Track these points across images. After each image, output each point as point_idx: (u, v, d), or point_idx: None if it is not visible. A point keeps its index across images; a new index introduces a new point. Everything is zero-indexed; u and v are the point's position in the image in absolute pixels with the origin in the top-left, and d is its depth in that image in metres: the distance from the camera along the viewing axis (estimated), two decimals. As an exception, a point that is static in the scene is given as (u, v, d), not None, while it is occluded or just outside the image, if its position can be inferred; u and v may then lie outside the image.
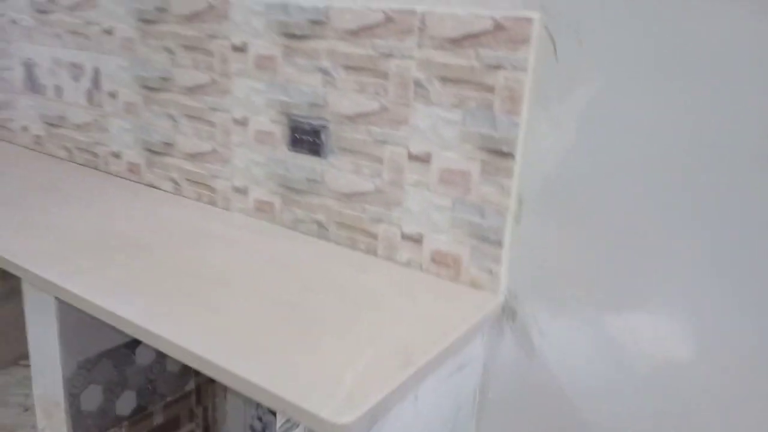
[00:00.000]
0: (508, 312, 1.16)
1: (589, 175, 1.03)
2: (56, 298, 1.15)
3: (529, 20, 1.02)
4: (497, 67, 1.06)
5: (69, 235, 1.30)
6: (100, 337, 1.30)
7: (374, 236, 1.29)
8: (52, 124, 1.88)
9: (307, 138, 1.33)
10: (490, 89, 1.08)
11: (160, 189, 1.65)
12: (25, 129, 1.98)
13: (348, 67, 1.24)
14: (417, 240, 1.23)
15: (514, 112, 1.06)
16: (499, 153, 1.10)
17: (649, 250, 0.99)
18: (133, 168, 1.70)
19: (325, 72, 1.27)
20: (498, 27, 1.05)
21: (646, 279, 1.01)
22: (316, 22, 1.26)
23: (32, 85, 1.90)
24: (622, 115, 0.98)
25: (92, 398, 1.33)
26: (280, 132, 1.37)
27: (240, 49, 1.39)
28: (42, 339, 1.24)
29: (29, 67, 1.89)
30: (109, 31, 1.63)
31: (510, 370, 1.18)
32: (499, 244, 1.13)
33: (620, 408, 1.07)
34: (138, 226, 1.38)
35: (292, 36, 1.30)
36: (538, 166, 1.08)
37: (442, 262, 1.21)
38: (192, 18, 1.44)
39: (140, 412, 1.45)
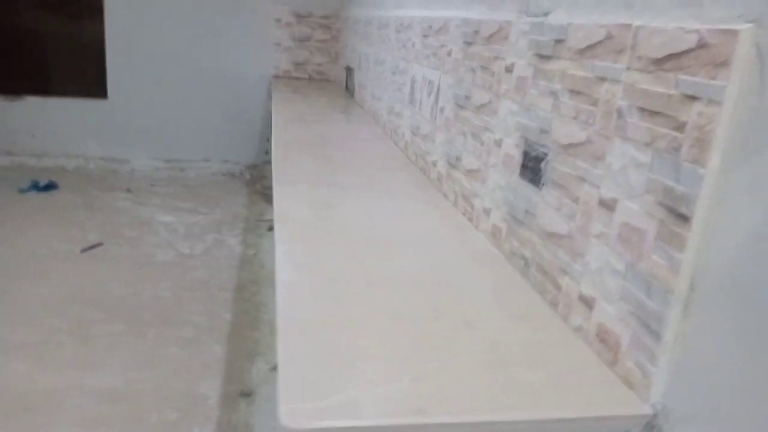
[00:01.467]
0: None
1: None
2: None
3: (733, 33, 0.71)
4: (693, 97, 0.78)
5: (343, 222, 1.55)
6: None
7: (559, 288, 1.10)
8: (414, 133, 2.19)
9: (532, 165, 1.22)
10: (681, 127, 0.80)
11: (447, 198, 1.75)
12: (402, 135, 2.36)
13: (572, 91, 1.08)
14: (589, 305, 1.00)
15: (700, 162, 0.76)
16: (675, 214, 0.80)
17: None
18: (439, 176, 1.85)
19: (555, 95, 1.14)
20: (702, 44, 0.77)
21: None
22: (558, 41, 1.14)
23: (411, 98, 2.25)
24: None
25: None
26: (518, 156, 1.30)
27: (509, 69, 1.36)
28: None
29: (412, 83, 2.24)
30: (449, 53, 1.81)
31: None
32: (658, 337, 0.83)
33: None
34: (397, 227, 1.52)
35: (541, 56, 1.21)
36: (724, 241, 0.74)
37: (605, 340, 0.95)
38: (489, 39, 1.48)
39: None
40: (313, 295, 1.09)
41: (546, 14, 1.23)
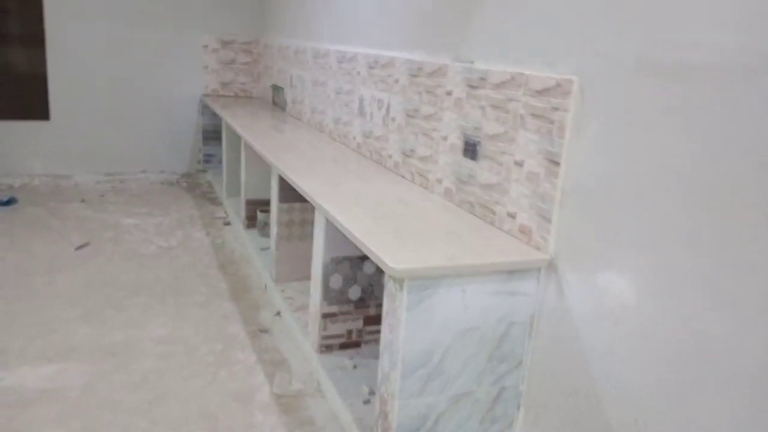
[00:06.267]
0: (552, 267, 1.78)
1: (601, 179, 1.61)
2: (325, 218, 2.21)
3: (571, 80, 1.67)
4: (556, 108, 1.73)
5: (359, 196, 2.38)
6: (346, 248, 2.33)
7: (494, 213, 2.02)
8: (367, 136, 3.05)
9: (470, 149, 2.14)
10: (552, 122, 1.74)
11: (405, 178, 2.64)
12: (354, 138, 3.22)
13: (493, 106, 2.01)
14: (513, 216, 1.93)
15: (562, 137, 1.71)
16: (553, 162, 1.75)
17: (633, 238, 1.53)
18: (396, 164, 2.73)
19: (482, 108, 2.07)
20: (558, 84, 1.72)
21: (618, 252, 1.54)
22: (482, 78, 2.07)
23: (360, 111, 3.11)
24: (616, 146, 1.55)
25: (336, 281, 2.37)
26: (460, 144, 2.21)
27: (449, 93, 2.27)
28: (317, 244, 2.33)
29: (361, 101, 3.10)
30: (396, 81, 2.70)
31: (552, 306, 1.79)
32: (549, 221, 1.77)
33: (603, 333, 1.61)
34: (380, 194, 2.37)
35: (471, 86, 2.13)
36: (573, 171, 1.69)
37: (524, 231, 1.89)
38: (431, 74, 2.39)
39: (362, 302, 2.44)
40: (353, 221, 1.93)
41: (472, 62, 2.15)
